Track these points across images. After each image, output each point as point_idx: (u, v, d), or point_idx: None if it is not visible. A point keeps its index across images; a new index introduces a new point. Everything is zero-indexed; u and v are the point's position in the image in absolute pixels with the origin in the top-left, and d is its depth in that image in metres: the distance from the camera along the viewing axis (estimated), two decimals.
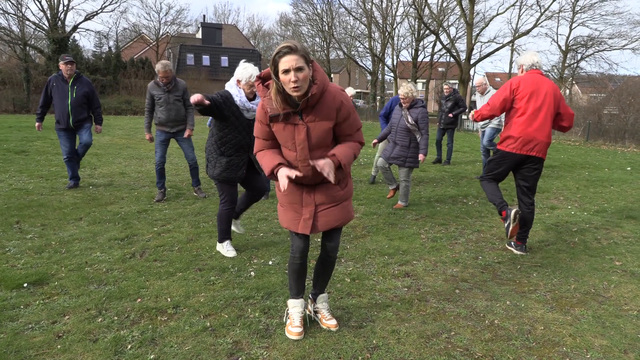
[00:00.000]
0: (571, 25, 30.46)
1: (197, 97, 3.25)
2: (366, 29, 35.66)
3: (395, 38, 35.81)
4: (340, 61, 45.16)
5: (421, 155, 5.50)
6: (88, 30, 36.51)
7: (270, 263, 3.73)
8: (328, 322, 2.70)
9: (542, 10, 27.38)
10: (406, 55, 75.25)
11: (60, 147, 6.40)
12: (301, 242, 2.56)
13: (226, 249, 3.89)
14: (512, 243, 4.23)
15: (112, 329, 2.63)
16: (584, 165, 10.26)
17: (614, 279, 3.58)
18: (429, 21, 29.53)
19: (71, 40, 27.38)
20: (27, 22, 24.73)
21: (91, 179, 6.89)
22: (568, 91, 30.85)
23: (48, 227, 4.49)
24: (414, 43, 33.74)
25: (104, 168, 7.93)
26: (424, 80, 39.88)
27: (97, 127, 6.41)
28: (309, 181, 2.45)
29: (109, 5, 26.82)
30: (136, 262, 3.66)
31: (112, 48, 32.72)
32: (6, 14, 23.87)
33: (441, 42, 28.79)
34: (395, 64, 36.12)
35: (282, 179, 2.27)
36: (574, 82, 32.70)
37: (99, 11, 26.49)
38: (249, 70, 3.54)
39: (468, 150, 12.64)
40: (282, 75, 2.13)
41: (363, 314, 2.89)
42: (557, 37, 45.99)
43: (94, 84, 6.48)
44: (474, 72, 31.49)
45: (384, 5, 33.88)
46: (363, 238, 4.48)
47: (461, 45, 31.67)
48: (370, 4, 34.23)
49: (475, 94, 8.22)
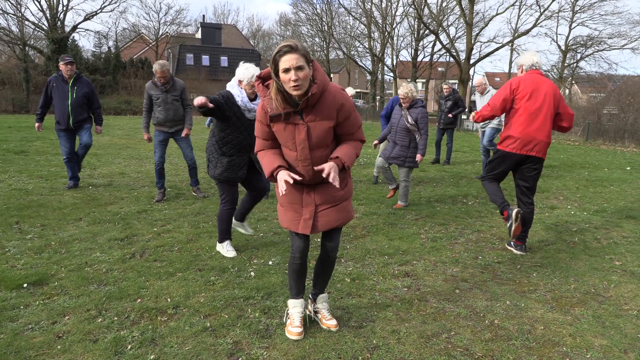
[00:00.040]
0: (571, 25, 30.49)
1: (201, 100, 3.26)
2: (366, 29, 35.68)
3: (394, 38, 35.86)
4: (339, 61, 45.16)
5: (418, 155, 5.50)
6: (87, 30, 36.65)
7: (270, 263, 3.73)
8: (328, 322, 2.70)
9: (542, 10, 27.42)
10: (406, 55, 75.34)
11: (60, 148, 6.39)
12: (301, 242, 2.56)
13: (226, 249, 3.89)
14: (512, 243, 4.23)
15: (112, 330, 2.63)
16: (584, 165, 10.27)
17: (614, 279, 3.58)
18: (429, 21, 29.53)
19: (70, 40, 27.37)
20: (27, 22, 24.75)
21: (91, 179, 6.89)
22: (568, 91, 30.86)
23: (48, 228, 4.49)
24: (414, 43, 33.75)
25: (104, 168, 7.93)
26: (424, 80, 39.89)
27: (97, 128, 6.40)
28: (309, 181, 2.45)
29: (109, 5, 26.85)
30: (136, 263, 3.66)
31: (112, 48, 32.71)
32: (5, 14, 23.89)
33: (441, 42, 28.82)
34: (394, 64, 36.14)
35: (281, 183, 2.28)
36: (574, 82, 32.71)
37: (99, 11, 26.51)
38: (251, 70, 3.55)
39: (468, 150, 12.64)
40: (283, 74, 2.13)
41: (363, 314, 2.89)
42: (557, 37, 46.23)
43: (94, 84, 6.47)
44: (474, 72, 31.50)
45: (384, 5, 33.92)
46: (363, 238, 4.48)
47: (461, 45, 31.72)
48: (369, 4, 34.26)
49: (474, 94, 8.22)
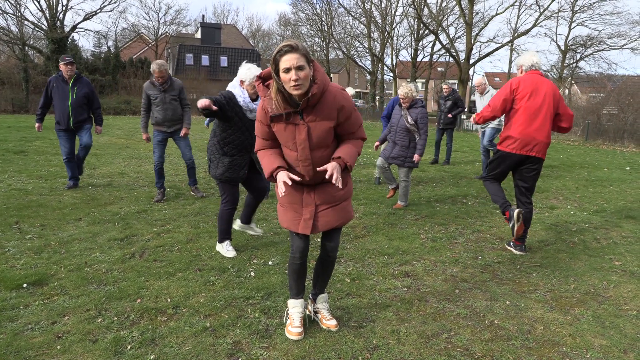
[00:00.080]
0: (570, 25, 30.49)
1: (205, 102, 3.26)
2: (365, 29, 35.66)
3: (394, 38, 35.85)
4: (339, 61, 45.15)
5: (416, 155, 5.50)
6: (87, 30, 36.56)
7: (270, 263, 3.73)
8: (328, 322, 2.70)
9: (542, 10, 27.42)
10: (405, 55, 75.43)
11: (59, 148, 6.38)
12: (301, 242, 2.56)
13: (226, 249, 3.89)
14: (512, 243, 4.23)
15: (112, 330, 2.63)
16: (583, 165, 10.27)
17: (614, 279, 3.58)
18: (428, 21, 29.53)
19: (70, 40, 27.36)
20: (26, 22, 24.74)
21: (90, 179, 6.88)
22: (567, 91, 30.87)
23: (47, 228, 4.49)
24: (413, 43, 33.74)
25: (103, 168, 7.92)
26: (424, 80, 39.90)
27: (98, 128, 6.40)
28: (310, 181, 2.45)
29: (108, 5, 26.86)
30: (136, 263, 3.66)
31: (111, 48, 32.68)
32: (5, 14, 23.88)
33: (440, 42, 28.82)
34: (394, 64, 36.14)
35: (281, 184, 2.28)
36: (573, 82, 32.73)
37: (98, 11, 26.51)
38: (253, 71, 3.55)
39: (467, 150, 12.64)
40: (283, 74, 2.13)
41: (363, 314, 2.89)
42: (556, 37, 46.22)
43: (93, 84, 6.47)
44: (473, 72, 31.50)
45: (383, 5, 33.91)
46: (363, 238, 4.48)
47: (460, 45, 31.72)
48: (369, 4, 34.24)
49: (474, 94, 8.23)
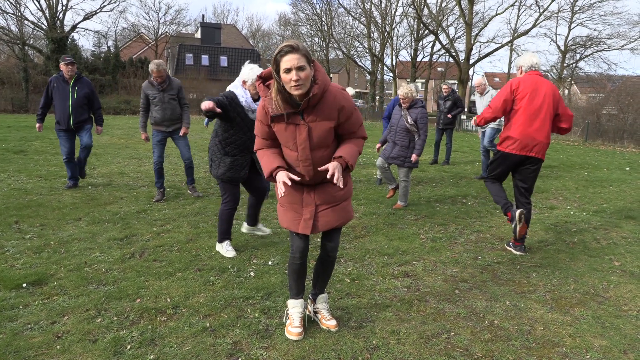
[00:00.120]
0: (570, 25, 30.52)
1: (209, 105, 3.27)
2: (365, 29, 35.67)
3: (394, 38, 35.85)
4: (339, 61, 45.15)
5: (413, 155, 5.50)
6: (87, 29, 36.55)
7: (269, 263, 3.73)
8: (328, 323, 2.70)
9: (541, 10, 27.45)
10: (405, 55, 75.45)
11: (59, 148, 6.37)
12: (301, 242, 2.56)
13: (225, 249, 3.89)
14: (511, 243, 4.23)
15: (112, 330, 2.62)
16: (583, 165, 10.27)
17: (613, 279, 3.58)
18: (428, 21, 29.53)
19: (70, 39, 27.35)
20: (26, 22, 24.75)
21: (90, 179, 6.87)
22: (567, 91, 30.88)
23: (47, 227, 4.49)
24: (413, 43, 33.74)
25: (103, 168, 7.92)
26: (423, 80, 39.90)
27: (98, 128, 6.40)
28: (310, 181, 2.45)
29: (108, 4, 26.87)
30: (135, 262, 3.65)
31: (111, 48, 32.67)
32: (5, 14, 23.88)
33: (440, 42, 28.82)
34: (394, 64, 36.13)
35: (280, 185, 2.28)
36: (573, 82, 32.75)
37: (98, 11, 26.52)
38: (255, 71, 3.55)
39: (467, 150, 12.64)
40: (284, 74, 2.13)
41: (363, 315, 2.89)
42: (556, 37, 46.31)
43: (93, 84, 6.46)
44: (473, 72, 31.45)
45: (383, 5, 33.92)
46: (362, 238, 4.48)
47: (460, 45, 31.70)
48: (369, 4, 34.24)
49: (474, 94, 8.23)
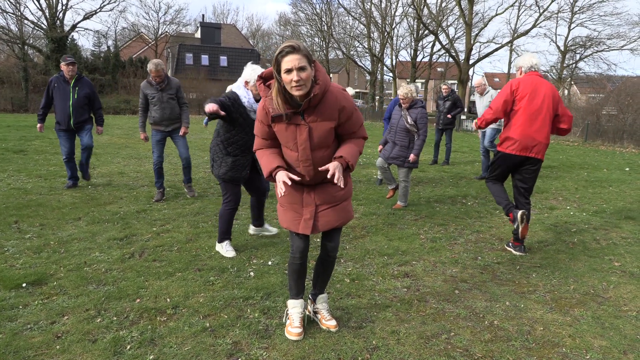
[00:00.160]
0: (570, 25, 30.52)
1: (213, 107, 3.28)
2: (365, 29, 35.67)
3: (394, 38, 35.83)
4: (339, 61, 45.15)
5: (412, 155, 5.49)
6: (87, 29, 36.57)
7: (269, 263, 3.72)
8: (328, 323, 2.70)
9: (541, 10, 27.45)
10: (405, 55, 75.43)
11: (59, 147, 6.36)
12: (301, 242, 2.56)
13: (225, 249, 3.89)
14: (511, 244, 4.23)
15: (111, 330, 2.62)
16: (583, 165, 10.28)
17: (613, 280, 3.59)
18: (428, 21, 29.53)
19: (70, 39, 27.35)
20: (26, 21, 24.75)
21: (90, 179, 6.87)
22: (567, 91, 30.89)
23: (47, 227, 4.48)
24: (413, 43, 33.74)
25: (103, 167, 7.91)
26: (423, 80, 39.90)
27: (99, 129, 6.40)
28: (310, 181, 2.45)
29: (108, 4, 26.88)
30: (135, 262, 3.65)
31: (111, 47, 32.67)
32: (4, 13, 23.87)
33: (440, 43, 28.81)
34: (394, 64, 36.13)
35: (280, 184, 2.27)
36: (573, 83, 32.76)
37: (98, 10, 26.54)
38: (257, 72, 3.56)
39: (467, 150, 12.64)
40: (285, 74, 2.13)
41: (363, 315, 2.89)
42: (556, 38, 46.34)
43: (92, 84, 6.45)
44: (473, 73, 31.46)
45: (383, 5, 33.91)
46: (362, 238, 4.48)
47: (460, 45, 31.70)
48: (369, 4, 34.24)
49: (474, 94, 8.22)
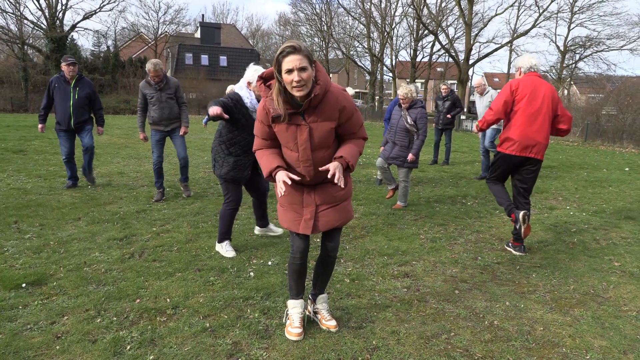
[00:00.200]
0: (569, 25, 30.53)
1: (217, 111, 3.29)
2: (365, 29, 35.68)
3: (394, 38, 35.84)
4: (339, 61, 45.17)
5: (410, 155, 5.49)
6: (86, 29, 36.44)
7: (269, 263, 3.72)
8: (328, 323, 2.70)
9: (541, 10, 27.46)
10: (405, 55, 75.43)
11: (59, 147, 6.36)
12: (301, 243, 2.56)
13: (225, 249, 3.89)
14: (511, 244, 4.23)
15: (111, 330, 2.62)
16: (583, 165, 10.28)
17: (613, 280, 3.59)
18: (428, 21, 29.53)
19: (69, 39, 27.35)
20: (25, 21, 24.74)
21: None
22: (566, 91, 30.91)
23: (46, 227, 4.48)
24: (413, 43, 33.74)
25: (103, 168, 7.91)
26: (423, 80, 39.91)
27: (99, 129, 6.39)
28: (310, 182, 2.45)
29: (107, 4, 26.89)
30: (135, 263, 3.65)
31: (111, 47, 32.66)
32: (4, 13, 23.86)
33: (440, 43, 28.82)
34: (394, 64, 36.13)
35: (280, 184, 2.27)
36: (572, 83, 32.77)
37: (98, 10, 26.55)
38: (260, 73, 3.56)
39: (467, 150, 12.64)
40: (286, 75, 2.13)
41: (363, 315, 2.89)
42: (556, 38, 46.34)
43: (94, 84, 6.45)
44: (473, 73, 31.50)
45: (383, 5, 33.92)
46: (362, 238, 4.48)
47: (460, 45, 31.71)
48: (369, 4, 34.24)
49: (473, 94, 8.22)
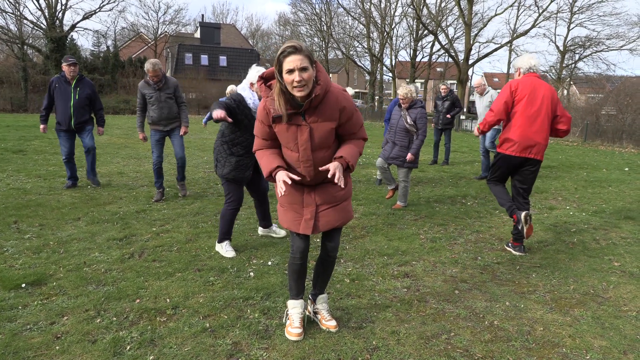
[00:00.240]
0: (569, 25, 30.54)
1: (220, 114, 3.30)
2: (365, 29, 35.68)
3: (393, 38, 35.83)
4: (338, 61, 45.16)
5: (409, 154, 5.49)
6: (86, 29, 36.39)
7: (269, 263, 3.72)
8: (328, 323, 2.70)
9: (541, 10, 27.47)
10: (404, 55, 75.38)
11: (59, 147, 6.36)
12: (302, 243, 2.55)
13: (225, 249, 3.89)
14: (511, 244, 4.23)
15: (111, 330, 2.62)
16: (582, 165, 10.28)
17: (613, 280, 3.59)
18: (428, 21, 29.52)
19: (69, 39, 27.34)
20: (25, 21, 24.74)
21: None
22: (566, 92, 30.91)
23: (46, 227, 4.48)
24: (413, 43, 33.73)
25: (102, 168, 7.90)
26: (422, 80, 39.90)
27: (99, 129, 6.39)
28: (310, 182, 2.45)
29: (107, 4, 26.88)
30: (135, 263, 3.65)
31: (110, 47, 32.66)
32: (4, 13, 23.85)
33: (439, 43, 28.82)
34: (393, 64, 36.12)
35: (280, 184, 2.27)
36: (572, 83, 32.78)
37: (97, 10, 26.54)
38: None
39: (467, 150, 12.63)
40: (286, 75, 2.13)
41: (363, 315, 2.88)
42: (555, 38, 46.37)
43: (93, 84, 6.44)
44: (472, 73, 31.52)
45: (383, 5, 33.92)
46: (362, 238, 4.47)
47: (459, 45, 31.69)
48: (368, 4, 34.23)
49: (473, 94, 8.22)
